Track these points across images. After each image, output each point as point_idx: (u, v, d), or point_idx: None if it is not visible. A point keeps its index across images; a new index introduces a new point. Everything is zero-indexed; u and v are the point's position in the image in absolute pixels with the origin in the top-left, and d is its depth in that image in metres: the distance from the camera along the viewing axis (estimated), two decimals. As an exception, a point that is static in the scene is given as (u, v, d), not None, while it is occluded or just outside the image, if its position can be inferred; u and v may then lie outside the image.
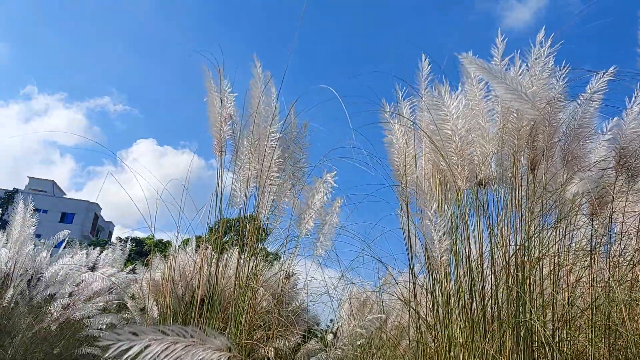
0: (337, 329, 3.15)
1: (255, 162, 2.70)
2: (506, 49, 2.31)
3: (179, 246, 3.48)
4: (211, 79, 2.87)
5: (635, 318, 2.05)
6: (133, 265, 5.83)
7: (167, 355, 0.76)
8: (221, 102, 2.83)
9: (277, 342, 3.25)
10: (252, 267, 2.76)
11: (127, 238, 6.22)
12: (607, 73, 2.30)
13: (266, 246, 3.16)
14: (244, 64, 2.87)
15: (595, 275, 2.23)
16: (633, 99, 2.30)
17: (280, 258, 3.32)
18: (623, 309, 1.79)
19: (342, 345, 2.17)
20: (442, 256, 1.90)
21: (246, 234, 2.83)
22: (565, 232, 2.35)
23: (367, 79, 2.57)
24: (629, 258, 2.33)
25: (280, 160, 2.60)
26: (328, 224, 2.78)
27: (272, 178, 2.54)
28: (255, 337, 2.83)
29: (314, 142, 2.83)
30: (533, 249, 2.24)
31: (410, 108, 2.53)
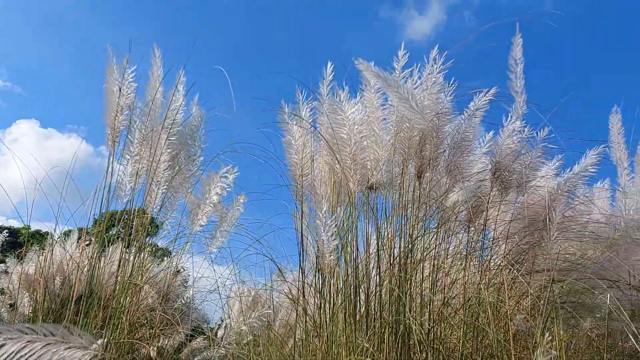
0: (224, 327, 3.11)
1: (147, 154, 2.58)
2: (409, 59, 2.42)
3: (58, 238, 3.23)
4: (114, 66, 2.70)
5: (501, 318, 2.25)
6: (4, 257, 5.31)
7: (24, 355, 0.69)
8: (120, 90, 2.68)
9: (161, 341, 3.13)
10: (138, 262, 2.64)
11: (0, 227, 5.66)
12: (489, 93, 2.51)
13: (156, 241, 3.04)
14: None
15: (468, 278, 2.42)
16: (509, 117, 2.53)
17: (171, 254, 3.21)
18: (489, 310, 1.96)
19: (226, 343, 2.15)
20: (330, 256, 1.95)
21: (134, 227, 2.70)
22: (445, 236, 2.53)
23: (272, 80, 2.58)
24: (498, 263, 2.56)
25: (173, 152, 2.52)
26: (228, 220, 2.73)
27: (163, 171, 2.45)
28: (137, 335, 2.71)
29: (212, 136, 2.77)
30: (415, 252, 2.38)
31: (311, 111, 2.57)
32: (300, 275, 2.34)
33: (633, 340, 2.30)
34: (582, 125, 2.87)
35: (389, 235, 2.40)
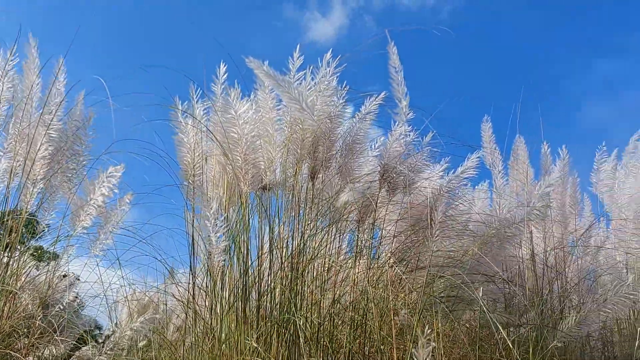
0: (112, 332, 2.97)
1: (24, 150, 2.40)
2: (311, 61, 2.45)
3: None
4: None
5: (387, 314, 2.35)
6: None
7: None
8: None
9: (44, 350, 2.92)
10: (14, 266, 2.44)
11: None
12: (379, 97, 2.63)
13: (35, 244, 2.83)
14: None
15: (356, 276, 2.51)
16: (397, 122, 2.65)
17: (57, 257, 3.00)
18: (374, 307, 2.04)
19: (108, 349, 2.05)
20: (219, 257, 1.93)
21: (8, 229, 2.50)
22: (336, 235, 2.60)
23: (168, 76, 2.50)
24: (385, 261, 2.68)
25: (52, 149, 2.36)
26: (113, 221, 2.61)
27: (40, 168, 2.29)
28: (13, 346, 2.51)
29: (98, 132, 2.63)
30: (307, 251, 2.42)
31: (205, 110, 2.53)
32: (191, 277, 2.30)
33: (503, 331, 2.52)
34: (465, 131, 3.09)
35: (282, 235, 2.42)
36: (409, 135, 2.65)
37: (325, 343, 2.26)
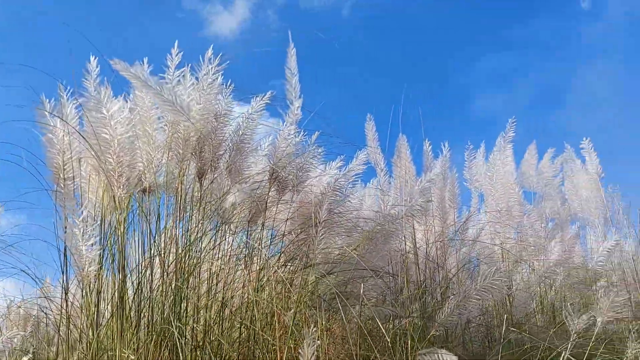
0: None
1: None
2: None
3: None
4: None
5: (272, 315, 2.34)
6: None
7: None
8: None
9: None
10: None
11: None
12: (265, 96, 2.60)
13: None
14: None
15: (246, 277, 2.47)
16: (285, 122, 2.65)
17: None
18: (255, 309, 2.02)
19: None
20: (90, 266, 1.80)
21: None
22: (225, 237, 2.54)
23: (41, 76, 2.28)
24: (276, 260, 2.67)
25: None
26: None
27: None
28: None
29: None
30: (193, 255, 2.34)
31: (78, 109, 2.35)
32: (63, 292, 2.13)
33: (389, 324, 2.61)
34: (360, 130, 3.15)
35: (166, 240, 2.32)
36: (298, 135, 2.66)
37: (213, 349, 2.20)
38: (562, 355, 1.87)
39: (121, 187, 1.96)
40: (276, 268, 2.47)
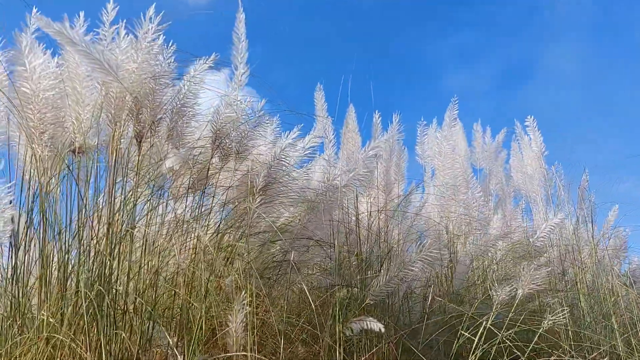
0: None
1: None
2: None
3: None
4: None
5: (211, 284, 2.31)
6: None
7: None
8: None
9: None
10: None
11: None
12: (209, 59, 2.52)
13: None
14: None
15: (187, 244, 2.43)
16: (229, 87, 2.57)
17: None
18: (181, 279, 1.98)
19: None
20: (6, 226, 1.73)
21: None
22: (164, 203, 2.48)
23: None
24: (219, 227, 2.63)
25: None
26: None
27: None
28: None
29: None
30: (129, 220, 2.27)
31: (7, 62, 2.22)
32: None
33: (325, 293, 2.62)
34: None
35: (99, 205, 2.24)
36: (244, 102, 2.59)
37: (144, 312, 2.16)
38: (484, 324, 1.91)
39: (42, 146, 1.87)
40: (213, 235, 2.43)
